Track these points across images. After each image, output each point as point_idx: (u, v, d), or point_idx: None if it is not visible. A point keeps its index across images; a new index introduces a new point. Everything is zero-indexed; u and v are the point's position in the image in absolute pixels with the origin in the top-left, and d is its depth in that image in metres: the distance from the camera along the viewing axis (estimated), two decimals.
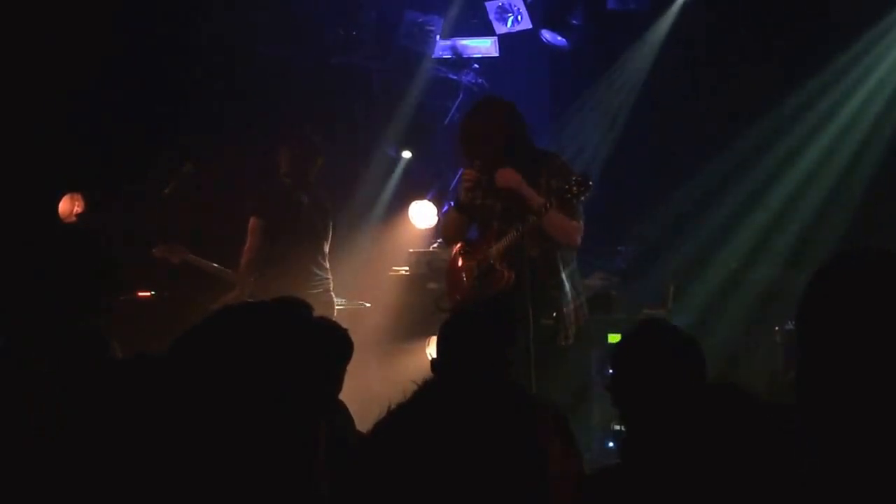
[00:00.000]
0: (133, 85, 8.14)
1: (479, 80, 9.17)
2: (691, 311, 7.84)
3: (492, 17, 9.06)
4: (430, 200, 8.61)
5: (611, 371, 3.45)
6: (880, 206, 8.23)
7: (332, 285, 7.45)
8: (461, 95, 9.11)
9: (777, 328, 7.30)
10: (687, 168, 8.82)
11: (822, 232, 8.28)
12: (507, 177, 5.69)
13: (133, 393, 2.88)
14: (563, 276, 5.76)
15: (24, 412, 3.17)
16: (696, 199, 8.72)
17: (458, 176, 6.29)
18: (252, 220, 7.30)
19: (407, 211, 8.63)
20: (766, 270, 8.08)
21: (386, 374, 7.22)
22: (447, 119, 9.01)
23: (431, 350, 6.18)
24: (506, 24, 9.05)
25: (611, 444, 6.92)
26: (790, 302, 6.08)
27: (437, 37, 9.07)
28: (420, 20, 9.04)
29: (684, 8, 8.93)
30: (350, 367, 3.83)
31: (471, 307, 5.07)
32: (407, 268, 8.19)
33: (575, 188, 5.47)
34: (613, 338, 7.05)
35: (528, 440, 2.92)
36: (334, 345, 3.75)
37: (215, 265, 7.56)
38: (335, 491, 2.74)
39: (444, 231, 6.48)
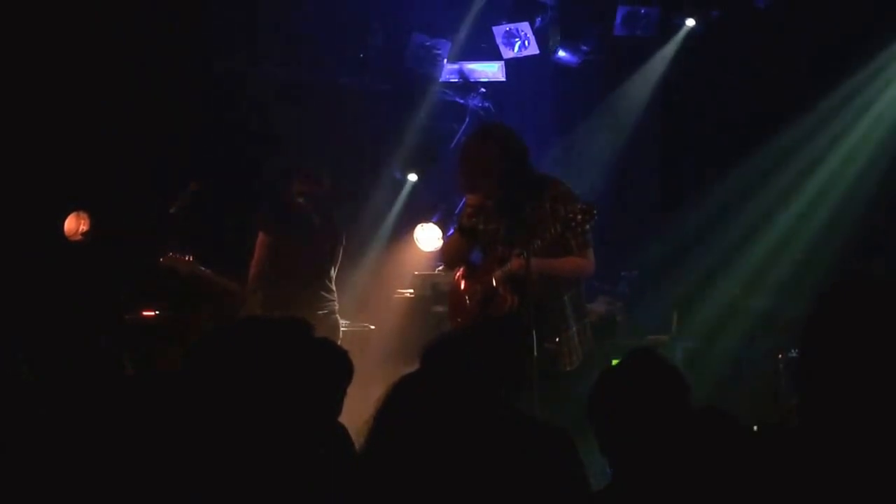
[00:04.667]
0: (138, 102, 8.16)
1: (486, 104, 9.20)
2: (695, 336, 7.83)
3: (499, 41, 9.09)
4: (435, 223, 8.61)
5: (589, 400, 3.38)
6: (882, 233, 8.23)
7: (337, 307, 7.46)
8: (468, 119, 9.13)
9: (780, 354, 7.28)
10: (691, 194, 8.83)
11: (826, 259, 8.28)
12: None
13: (139, 408, 2.89)
14: (565, 299, 5.72)
15: (39, 425, 3.18)
16: (700, 224, 8.72)
17: (462, 201, 6.28)
18: (260, 235, 7.34)
19: (412, 234, 8.64)
20: (770, 296, 8.06)
21: None
22: (453, 142, 9.02)
23: None
24: (513, 49, 9.08)
25: None
26: (793, 328, 6.08)
27: (445, 60, 9.11)
28: (427, 43, 9.07)
29: (689, 34, 8.96)
30: (353, 389, 3.83)
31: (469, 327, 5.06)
32: (412, 290, 8.19)
33: (580, 216, 5.37)
34: (617, 363, 7.02)
35: (533, 461, 2.93)
36: (334, 366, 3.75)
37: (223, 278, 7.52)
38: None
39: (445, 255, 6.44)
